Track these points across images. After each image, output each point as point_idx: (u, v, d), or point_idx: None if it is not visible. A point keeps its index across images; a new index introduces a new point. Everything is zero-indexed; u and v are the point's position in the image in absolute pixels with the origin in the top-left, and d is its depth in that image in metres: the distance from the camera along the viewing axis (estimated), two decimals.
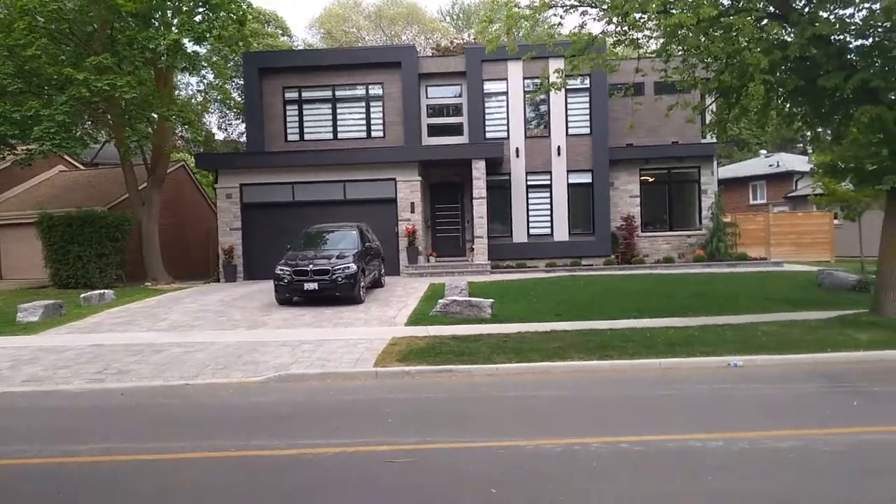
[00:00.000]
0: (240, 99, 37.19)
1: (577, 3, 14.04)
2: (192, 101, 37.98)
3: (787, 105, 14.78)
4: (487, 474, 6.05)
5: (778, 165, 44.17)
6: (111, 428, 8.12)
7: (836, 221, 28.90)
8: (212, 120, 46.67)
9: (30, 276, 27.23)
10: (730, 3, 13.14)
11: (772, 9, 13.22)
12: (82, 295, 18.61)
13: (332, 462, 6.52)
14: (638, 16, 13.60)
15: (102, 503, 5.83)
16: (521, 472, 6.14)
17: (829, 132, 14.97)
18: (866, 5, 12.98)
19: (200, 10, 22.10)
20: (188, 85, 41.10)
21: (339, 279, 16.74)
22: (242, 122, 44.59)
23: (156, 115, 22.58)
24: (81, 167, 33.76)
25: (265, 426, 7.93)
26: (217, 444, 7.15)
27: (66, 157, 30.30)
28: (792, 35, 12.82)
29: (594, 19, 14.25)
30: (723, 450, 6.55)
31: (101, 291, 19.03)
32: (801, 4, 13.06)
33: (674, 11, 12.30)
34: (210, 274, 26.64)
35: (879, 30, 12.84)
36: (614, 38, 14.74)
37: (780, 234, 29.46)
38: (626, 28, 14.09)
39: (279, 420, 8.24)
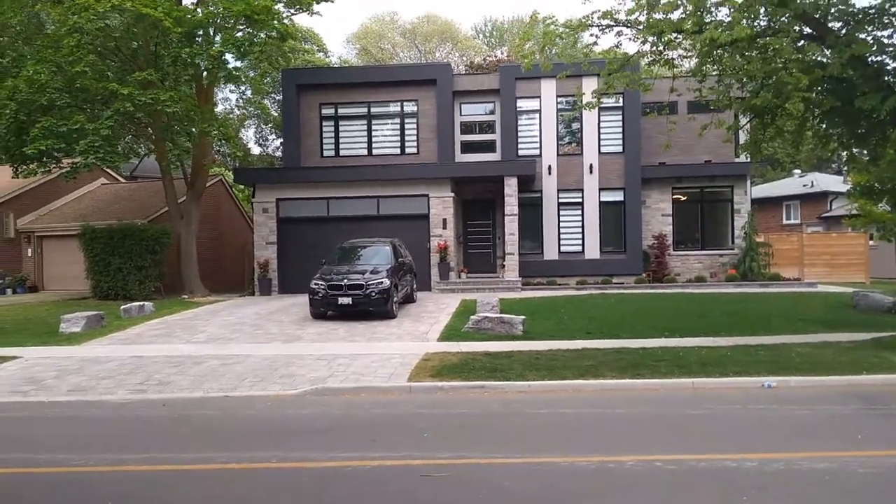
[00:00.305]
0: (276, 114, 37.82)
1: (612, 24, 14.13)
2: (231, 116, 38.64)
3: (823, 125, 14.71)
4: (523, 490, 6.13)
5: (812, 185, 43.69)
6: (155, 438, 8.34)
7: (871, 242, 28.52)
8: (249, 135, 47.44)
9: (70, 287, 27.87)
10: (766, 24, 13.14)
11: (808, 30, 13.21)
12: (122, 307, 19.01)
13: (370, 475, 6.65)
14: (673, 35, 13.67)
15: None
16: (556, 488, 6.21)
17: (866, 153, 14.89)
18: None
19: (242, 26, 22.53)
20: (226, 100, 41.91)
21: (373, 294, 16.92)
22: (278, 137, 45.34)
23: (196, 130, 23.02)
24: (122, 180, 34.58)
25: (303, 439, 8.09)
26: (257, 455, 7.31)
27: (107, 170, 31.01)
28: (829, 56, 12.82)
29: (629, 39, 14.39)
30: (757, 470, 6.56)
31: (141, 303, 19.42)
32: (839, 26, 13.02)
33: (707, 29, 12.35)
34: (245, 287, 27.02)
35: None
36: (649, 58, 14.81)
37: (813, 254, 29.11)
38: (661, 48, 14.17)
39: (317, 433, 8.40)
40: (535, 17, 15.20)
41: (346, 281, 17.15)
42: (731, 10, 12.69)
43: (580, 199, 26.20)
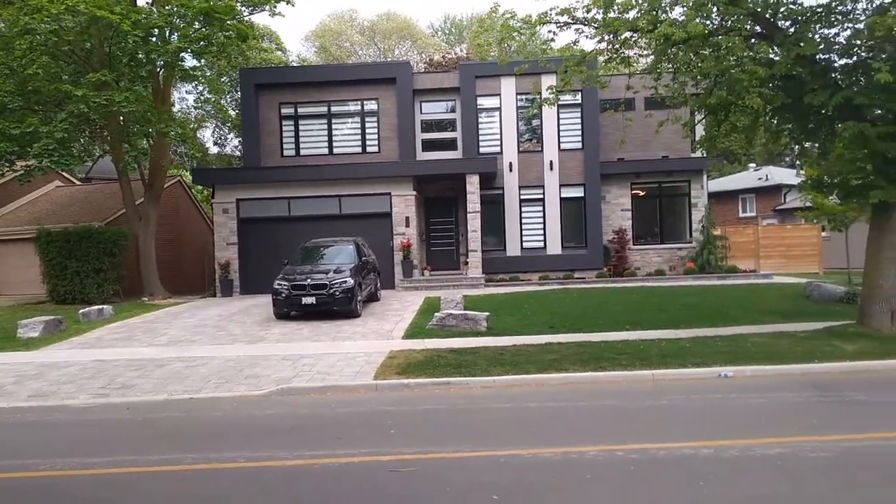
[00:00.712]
0: (234, 114, 37.50)
1: (570, 21, 14.29)
2: (188, 116, 38.20)
3: (775, 121, 15.10)
4: (489, 483, 6.27)
5: (767, 179, 44.66)
6: (120, 441, 8.30)
7: (823, 234, 29.27)
8: (206, 135, 46.89)
9: (26, 291, 27.29)
10: (718, 22, 13.45)
11: (758, 29, 13.55)
12: (81, 311, 18.72)
13: (339, 471, 6.73)
14: (629, 34, 13.91)
15: None
16: (521, 480, 6.36)
17: (816, 147, 15.32)
18: (850, 25, 13.37)
19: (199, 24, 22.29)
20: (183, 100, 41.40)
21: (337, 293, 16.94)
22: (237, 136, 44.91)
23: (153, 131, 22.75)
24: (78, 182, 33.95)
25: (270, 438, 8.13)
26: (224, 455, 7.35)
27: (62, 172, 30.42)
28: (778, 54, 13.18)
29: (587, 37, 14.60)
30: (713, 457, 6.79)
31: (100, 307, 19.15)
32: (787, 25, 13.39)
33: (660, 27, 12.60)
34: (206, 289, 26.81)
35: (862, 49, 13.21)
36: (606, 56, 15.03)
37: (769, 246, 29.79)
38: (617, 46, 14.41)
39: (283, 432, 8.44)
40: (494, 10, 15.32)
41: (309, 281, 17.14)
42: (685, 8, 12.97)
43: (541, 196, 26.47)
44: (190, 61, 24.60)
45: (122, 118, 22.13)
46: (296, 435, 8.30)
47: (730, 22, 13.17)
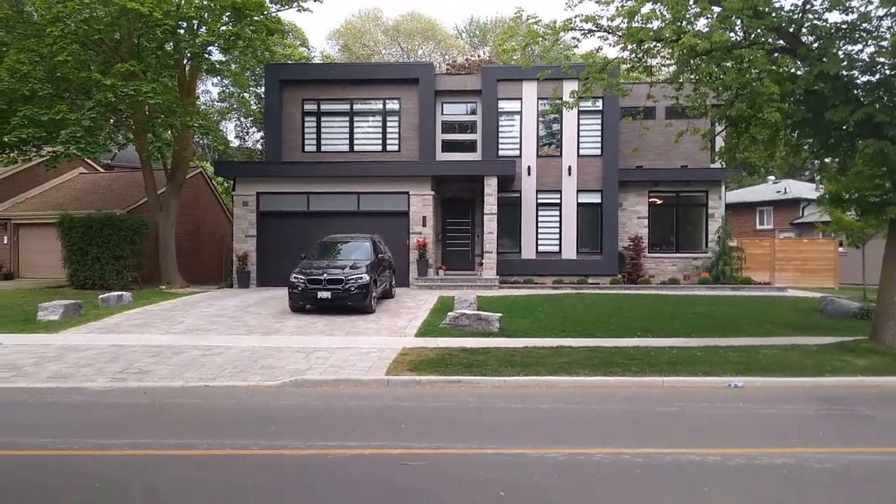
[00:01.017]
0: (256, 108, 37.82)
1: (594, 28, 14.37)
2: (212, 108, 38.57)
3: (795, 135, 15.10)
4: (496, 479, 6.38)
5: (785, 192, 44.42)
6: (137, 425, 8.48)
7: (840, 249, 29.15)
8: (229, 127, 47.29)
9: (46, 275, 27.72)
10: (742, 35, 13.48)
11: (782, 43, 13.57)
12: (100, 296, 19.01)
13: (351, 462, 6.87)
14: (652, 44, 13.96)
15: (139, 494, 6.16)
16: (527, 478, 6.47)
17: (836, 163, 15.31)
18: (874, 42, 13.36)
19: (228, 18, 22.54)
20: (207, 93, 41.77)
21: (352, 289, 17.10)
22: (259, 130, 45.24)
23: (178, 123, 23.03)
24: (101, 170, 34.39)
25: (284, 428, 8.27)
26: (239, 442, 7.51)
27: (86, 159, 30.83)
28: (801, 69, 13.20)
29: (610, 45, 14.65)
30: (720, 465, 6.87)
31: (119, 293, 19.43)
32: (811, 40, 13.40)
33: (685, 38, 12.65)
34: (223, 279, 27.05)
35: (886, 66, 13.20)
36: (629, 64, 15.08)
37: (784, 259, 29.69)
38: (640, 55, 14.46)
39: (296, 422, 8.60)
40: (518, 16, 15.38)
41: (325, 275, 17.31)
42: (710, 19, 13.01)
43: (558, 200, 26.53)
44: (216, 55, 24.86)
45: (147, 108, 22.40)
46: (309, 425, 8.45)
47: (753, 35, 13.22)
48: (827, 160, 15.91)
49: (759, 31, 12.99)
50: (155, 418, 8.82)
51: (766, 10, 12.82)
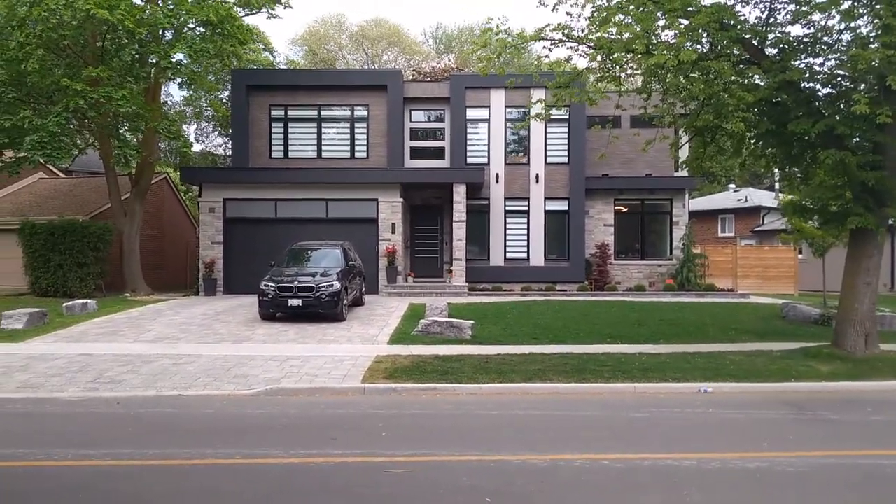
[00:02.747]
0: (210, 114, 37.45)
1: (564, 39, 14.57)
2: (181, 112, 38.17)
3: (759, 145, 15.47)
4: (480, 486, 6.49)
5: (746, 200, 45.29)
6: (114, 435, 8.41)
7: (800, 256, 29.83)
8: (189, 131, 46.77)
9: (7, 283, 27.04)
10: (708, 47, 13.81)
11: (747, 55, 13.93)
12: (64, 304, 18.71)
13: (335, 471, 6.93)
14: (621, 55, 14.23)
15: (126, 503, 6.15)
16: (511, 484, 6.58)
17: (798, 172, 15.71)
18: (834, 56, 13.80)
19: (195, 26, 22.38)
20: (169, 95, 41.29)
21: (323, 296, 17.08)
22: (220, 134, 44.83)
23: (144, 128, 22.78)
24: (61, 175, 33.75)
25: (264, 436, 8.29)
26: (221, 451, 7.51)
27: (47, 164, 30.27)
28: (764, 80, 13.58)
29: (580, 55, 14.90)
30: (696, 469, 7.06)
31: (84, 301, 19.14)
32: (774, 52, 13.79)
33: (655, 53, 12.94)
34: (189, 286, 26.78)
35: (845, 79, 13.65)
36: (598, 74, 15.33)
37: (746, 266, 30.30)
38: (609, 65, 14.72)
39: (277, 431, 8.61)
40: (488, 29, 15.45)
41: (296, 283, 17.27)
42: (676, 34, 13.31)
43: (526, 208, 26.77)
44: (182, 59, 24.58)
45: (112, 114, 22.10)
46: (289, 434, 8.47)
47: (719, 47, 13.56)
48: (790, 170, 16.34)
49: (724, 43, 13.33)
50: (131, 428, 8.75)
51: (732, 22, 13.18)
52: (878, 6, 12.47)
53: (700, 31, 13.16)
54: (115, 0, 19.66)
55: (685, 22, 13.08)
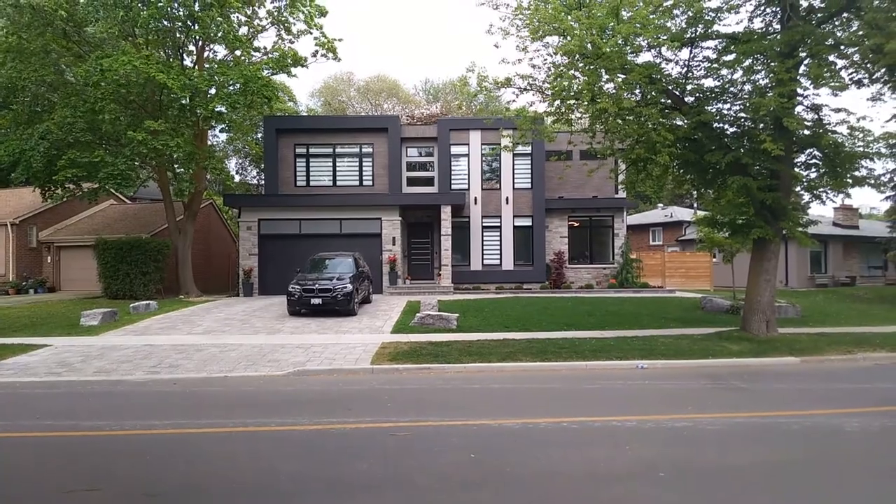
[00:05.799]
0: (252, 151, 37.24)
1: (528, 87, 14.63)
2: (220, 152, 37.97)
3: (681, 172, 15.60)
4: (467, 444, 6.49)
5: (671, 216, 45.45)
6: (173, 409, 8.35)
7: (714, 259, 29.97)
8: (230, 165, 46.53)
9: (82, 288, 26.98)
10: (640, 97, 13.92)
11: (670, 102, 14.07)
12: (131, 305, 18.56)
13: (351, 434, 6.89)
14: (572, 102, 14.32)
15: (183, 461, 6.11)
16: (490, 442, 6.59)
17: (712, 193, 15.84)
18: (739, 103, 13.96)
19: (233, 85, 22.33)
20: (216, 136, 41.11)
21: (339, 296, 17.03)
22: (255, 167, 44.64)
23: (195, 166, 22.71)
24: (128, 202, 33.54)
25: (294, 408, 8.24)
26: (260, 420, 7.47)
27: (117, 193, 30.15)
28: (684, 121, 13.72)
29: (539, 101, 14.96)
30: (636, 428, 7.09)
31: (147, 302, 19.00)
32: (692, 100, 13.93)
33: (599, 101, 13.05)
34: (231, 289, 26.60)
35: (748, 120, 13.81)
36: (554, 117, 15.40)
37: (672, 268, 30.42)
38: (562, 109, 14.76)
39: (303, 403, 8.56)
40: (470, 69, 15.20)
41: (316, 285, 17.21)
42: (616, 86, 13.43)
43: (499, 224, 26.80)
44: (224, 110, 24.50)
45: (169, 155, 22.02)
46: (313, 406, 8.41)
47: (649, 96, 13.68)
48: (705, 192, 16.48)
49: (653, 93, 13.46)
50: (187, 403, 8.69)
51: (659, 77, 13.31)
52: (773, 63, 12.65)
53: (634, 84, 13.29)
54: (167, 66, 19.65)
55: (623, 76, 13.20)
